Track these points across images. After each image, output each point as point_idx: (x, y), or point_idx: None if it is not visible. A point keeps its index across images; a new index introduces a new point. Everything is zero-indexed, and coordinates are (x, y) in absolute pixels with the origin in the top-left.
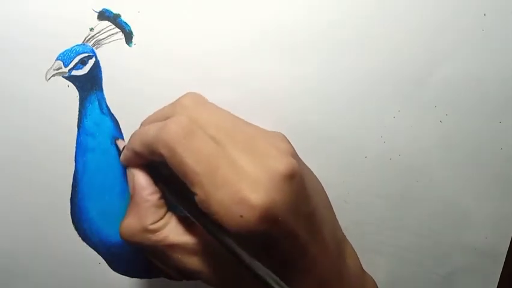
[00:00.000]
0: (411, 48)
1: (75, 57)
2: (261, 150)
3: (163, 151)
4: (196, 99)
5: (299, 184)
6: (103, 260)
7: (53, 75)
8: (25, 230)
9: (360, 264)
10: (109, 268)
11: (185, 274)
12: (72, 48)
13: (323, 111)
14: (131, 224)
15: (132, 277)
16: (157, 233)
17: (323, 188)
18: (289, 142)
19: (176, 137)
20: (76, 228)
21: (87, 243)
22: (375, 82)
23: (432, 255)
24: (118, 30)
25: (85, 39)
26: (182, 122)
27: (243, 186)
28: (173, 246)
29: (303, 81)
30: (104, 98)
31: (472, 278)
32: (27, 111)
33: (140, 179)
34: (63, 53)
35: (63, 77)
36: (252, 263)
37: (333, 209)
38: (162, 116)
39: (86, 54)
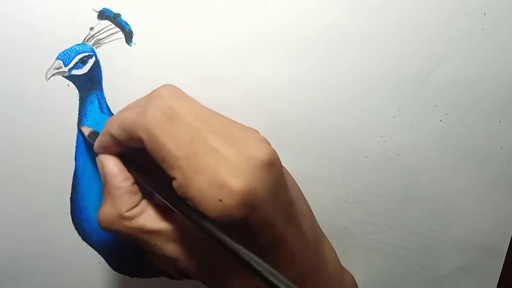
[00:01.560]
0: (411, 47)
1: (75, 56)
2: (239, 138)
3: (142, 135)
4: (173, 90)
5: (278, 173)
6: (103, 260)
7: (53, 75)
8: (25, 230)
9: (339, 260)
10: (109, 267)
11: (165, 261)
12: (72, 47)
13: (323, 111)
14: (107, 212)
15: (132, 276)
16: (134, 220)
17: (296, 183)
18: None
19: (156, 121)
20: (76, 228)
21: (87, 243)
22: (375, 82)
23: (432, 254)
24: (118, 29)
25: (85, 38)
26: (163, 107)
27: (222, 171)
28: (151, 233)
29: (303, 81)
30: (104, 98)
31: (472, 277)
32: (27, 111)
33: (111, 165)
34: (63, 52)
35: (63, 76)
36: (232, 246)
37: (333, 209)
38: (141, 102)
39: (86, 54)
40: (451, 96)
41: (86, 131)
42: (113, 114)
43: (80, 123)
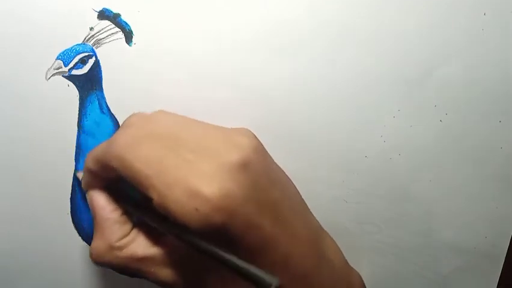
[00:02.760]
0: (411, 47)
1: (75, 56)
2: (211, 148)
3: (114, 163)
4: (141, 116)
5: (255, 172)
6: None
7: (53, 75)
8: (25, 230)
9: (344, 258)
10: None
11: (164, 286)
12: (72, 47)
13: (322, 110)
14: (98, 245)
15: (132, 276)
16: (125, 249)
17: (290, 180)
18: (253, 137)
19: (124, 146)
20: (76, 228)
21: (87, 243)
22: (375, 81)
23: (432, 254)
24: (118, 29)
25: (85, 38)
26: (129, 133)
27: (194, 181)
28: (143, 260)
29: (302, 80)
30: (104, 98)
31: (471, 277)
32: (27, 111)
33: (98, 199)
34: (63, 52)
35: (63, 76)
36: (221, 255)
37: (333, 209)
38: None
39: (86, 54)
40: (451, 96)
41: (80, 175)
42: (113, 114)
43: (81, 123)
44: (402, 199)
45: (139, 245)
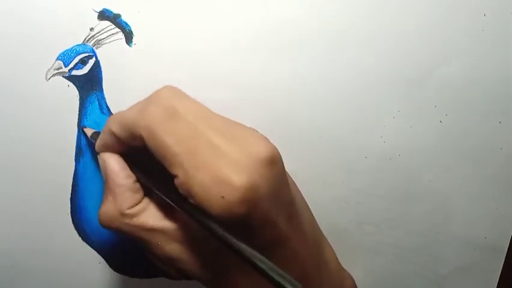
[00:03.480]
0: (411, 48)
1: (75, 57)
2: (241, 136)
3: (143, 132)
4: (174, 91)
5: (279, 170)
6: (103, 260)
7: (53, 75)
8: (25, 230)
9: (338, 261)
10: (109, 268)
11: (166, 261)
12: (72, 48)
13: (322, 111)
14: (108, 210)
15: (132, 277)
16: (135, 218)
17: (295, 183)
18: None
19: (157, 119)
20: (76, 228)
21: (87, 243)
22: (375, 82)
23: (432, 254)
24: (118, 30)
25: (85, 39)
26: (163, 105)
27: (224, 167)
28: (153, 231)
29: (302, 81)
30: (104, 98)
31: (471, 277)
32: (27, 111)
33: (112, 163)
34: (63, 52)
35: (63, 76)
36: (235, 244)
37: (333, 209)
38: (142, 102)
39: (87, 54)
40: (451, 97)
41: (89, 132)
42: (113, 114)
43: (81, 123)
44: (402, 199)
45: (150, 216)
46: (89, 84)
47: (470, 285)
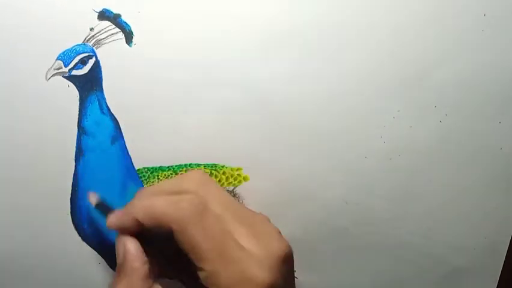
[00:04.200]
0: (411, 48)
1: (75, 57)
2: (261, 232)
3: (174, 226)
4: (202, 177)
5: (291, 265)
6: (103, 260)
7: (53, 75)
8: (25, 230)
9: None
10: (109, 268)
11: None
12: (72, 48)
13: (323, 111)
14: None
15: None
16: None
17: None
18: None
19: (188, 215)
20: (76, 228)
21: (87, 243)
22: (375, 82)
23: (432, 255)
24: (118, 30)
25: (85, 39)
26: (194, 201)
27: (250, 265)
28: None
29: (303, 82)
30: (104, 98)
31: (471, 277)
32: (27, 111)
33: (132, 248)
34: (63, 52)
35: (63, 76)
36: None
37: (333, 209)
38: (169, 189)
39: (87, 54)
40: (451, 97)
41: (94, 199)
42: (113, 114)
43: (81, 123)
44: (402, 199)
45: None
46: (89, 84)
47: (470, 286)
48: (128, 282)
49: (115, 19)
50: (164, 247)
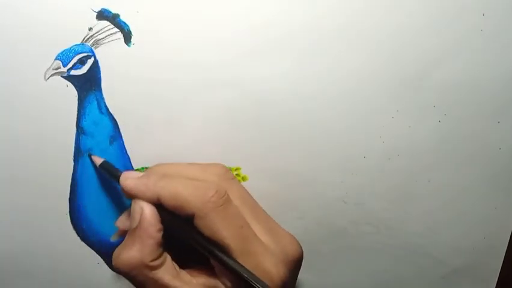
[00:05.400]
0: (410, 48)
1: (74, 56)
2: (277, 232)
3: (197, 213)
4: (226, 172)
5: (299, 269)
6: (102, 260)
7: (52, 75)
8: (24, 230)
9: None
10: (108, 268)
11: None
12: (71, 47)
13: (322, 111)
14: (132, 258)
15: None
16: (154, 271)
17: None
18: None
19: (214, 205)
20: (75, 228)
21: (86, 243)
22: (373, 82)
23: (431, 255)
24: (117, 30)
25: (83, 38)
26: (221, 192)
27: (266, 259)
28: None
29: (301, 82)
30: (103, 98)
31: (470, 277)
32: (26, 111)
33: (149, 213)
34: (62, 52)
35: (62, 76)
36: None
37: (332, 209)
38: (192, 174)
39: (85, 54)
40: (450, 97)
41: (98, 160)
42: (111, 114)
43: (79, 123)
44: (401, 199)
45: (166, 272)
46: (88, 84)
47: (469, 286)
48: (142, 248)
49: (113, 19)
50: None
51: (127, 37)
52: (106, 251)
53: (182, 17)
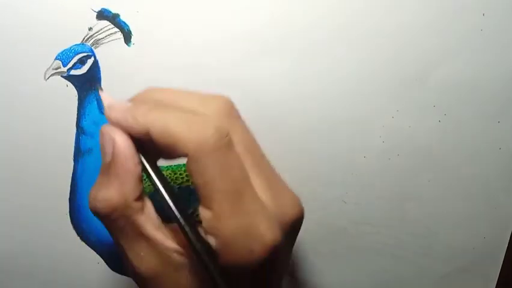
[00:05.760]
0: (410, 48)
1: (74, 56)
2: (278, 187)
3: (191, 152)
4: (229, 107)
5: (299, 230)
6: (102, 260)
7: (52, 75)
8: (24, 230)
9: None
10: (108, 267)
11: (133, 273)
12: (71, 47)
13: (321, 111)
14: (113, 197)
15: (130, 276)
16: (138, 215)
17: None
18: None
19: (213, 147)
20: (75, 228)
21: (85, 243)
22: (374, 82)
23: (431, 255)
24: (117, 29)
25: (83, 38)
26: (222, 132)
27: (261, 221)
28: (144, 238)
29: (302, 82)
30: None
31: (470, 277)
32: (26, 111)
33: (124, 145)
34: (62, 52)
35: (62, 76)
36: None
37: (332, 209)
38: (187, 108)
39: (85, 54)
40: (450, 97)
41: (106, 99)
42: None
43: (79, 124)
44: (401, 199)
45: (149, 220)
46: (88, 84)
47: (470, 285)
48: (121, 185)
49: (113, 19)
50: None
51: (127, 37)
52: (106, 251)
53: (182, 17)
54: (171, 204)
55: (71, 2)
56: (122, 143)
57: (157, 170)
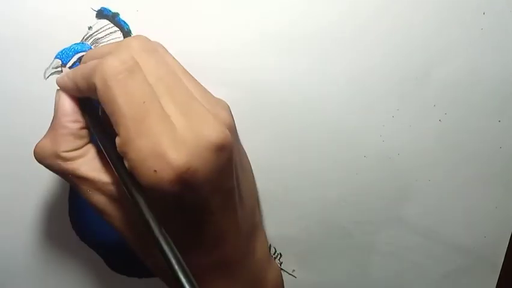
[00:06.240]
0: (410, 46)
1: (73, 55)
2: (197, 113)
3: (98, 83)
4: (145, 43)
5: (226, 158)
6: (101, 259)
7: (52, 74)
8: (24, 230)
9: (268, 253)
10: (108, 268)
11: (93, 209)
12: (70, 46)
13: (322, 110)
14: (45, 146)
15: (130, 276)
16: (68, 162)
17: (251, 172)
18: (230, 114)
19: (114, 72)
20: (75, 228)
21: (85, 242)
22: (374, 81)
23: (431, 255)
24: (117, 28)
25: (83, 37)
26: (124, 59)
27: (166, 142)
28: (82, 179)
29: (302, 81)
30: None
31: (471, 277)
32: (25, 110)
33: (65, 104)
34: (61, 51)
35: None
36: (147, 217)
37: (332, 209)
38: (107, 50)
39: (85, 53)
40: (450, 96)
41: (65, 70)
42: None
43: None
44: (402, 199)
45: (84, 164)
46: None
47: (470, 285)
48: (54, 137)
49: (113, 18)
50: (100, 115)
51: (127, 36)
52: (105, 250)
53: (182, 16)
54: (101, 146)
55: (71, 2)
56: (60, 102)
57: (100, 126)
